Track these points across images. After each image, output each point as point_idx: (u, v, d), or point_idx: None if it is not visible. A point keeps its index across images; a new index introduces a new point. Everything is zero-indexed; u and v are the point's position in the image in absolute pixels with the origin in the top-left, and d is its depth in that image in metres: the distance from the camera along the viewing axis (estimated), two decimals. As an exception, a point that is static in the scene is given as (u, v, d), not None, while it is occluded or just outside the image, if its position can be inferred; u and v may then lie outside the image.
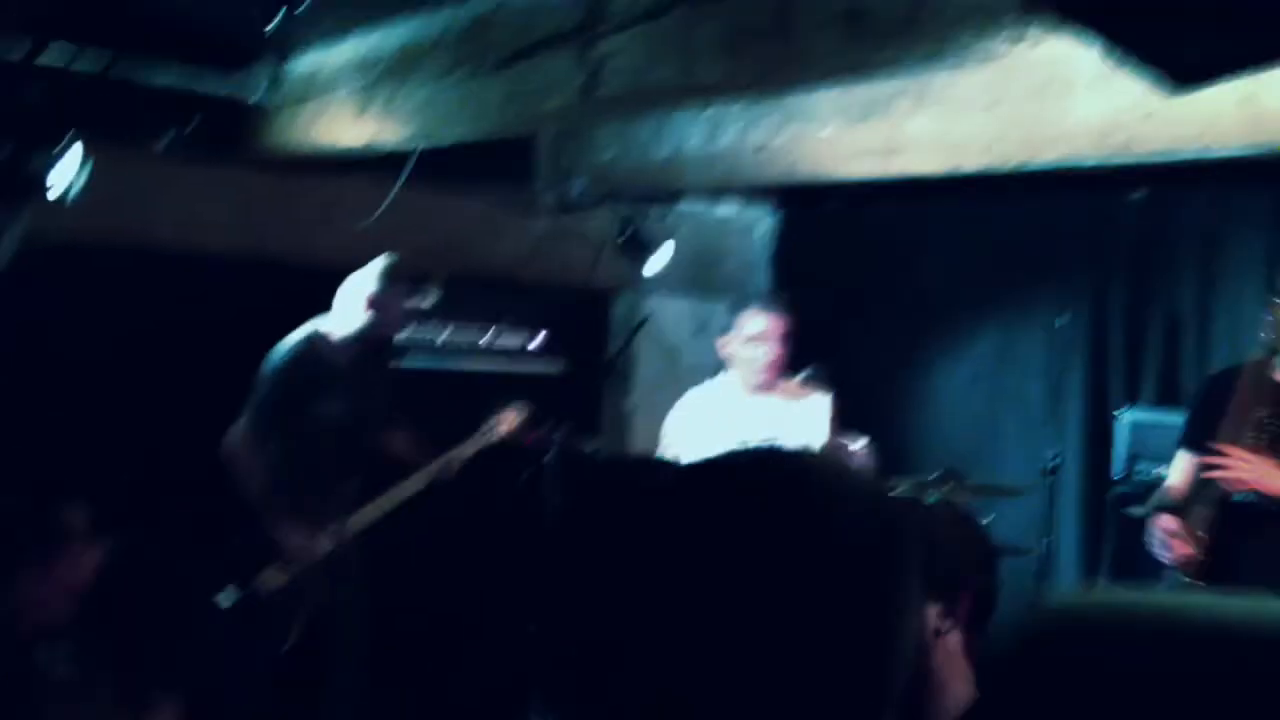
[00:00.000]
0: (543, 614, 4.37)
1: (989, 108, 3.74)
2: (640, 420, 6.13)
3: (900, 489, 4.83)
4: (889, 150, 4.10)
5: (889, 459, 5.21)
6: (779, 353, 4.08)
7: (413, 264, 4.94)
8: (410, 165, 4.53)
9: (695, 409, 4.23)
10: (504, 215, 5.62)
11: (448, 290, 5.64)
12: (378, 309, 4.35)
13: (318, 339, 4.43)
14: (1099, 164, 3.72)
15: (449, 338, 5.65)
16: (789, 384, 4.30)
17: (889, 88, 3.94)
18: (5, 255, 4.26)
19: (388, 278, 4.37)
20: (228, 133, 4.70)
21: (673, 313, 6.21)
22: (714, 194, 6.04)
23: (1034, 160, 3.80)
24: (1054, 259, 5.25)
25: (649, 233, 5.83)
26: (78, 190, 4.00)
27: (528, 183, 5.73)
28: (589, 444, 5.45)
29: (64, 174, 3.94)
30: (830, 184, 4.78)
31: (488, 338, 5.76)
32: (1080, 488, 5.11)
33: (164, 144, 4.64)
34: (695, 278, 6.18)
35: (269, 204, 5.00)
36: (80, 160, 3.95)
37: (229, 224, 4.93)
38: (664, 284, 5.99)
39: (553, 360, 5.93)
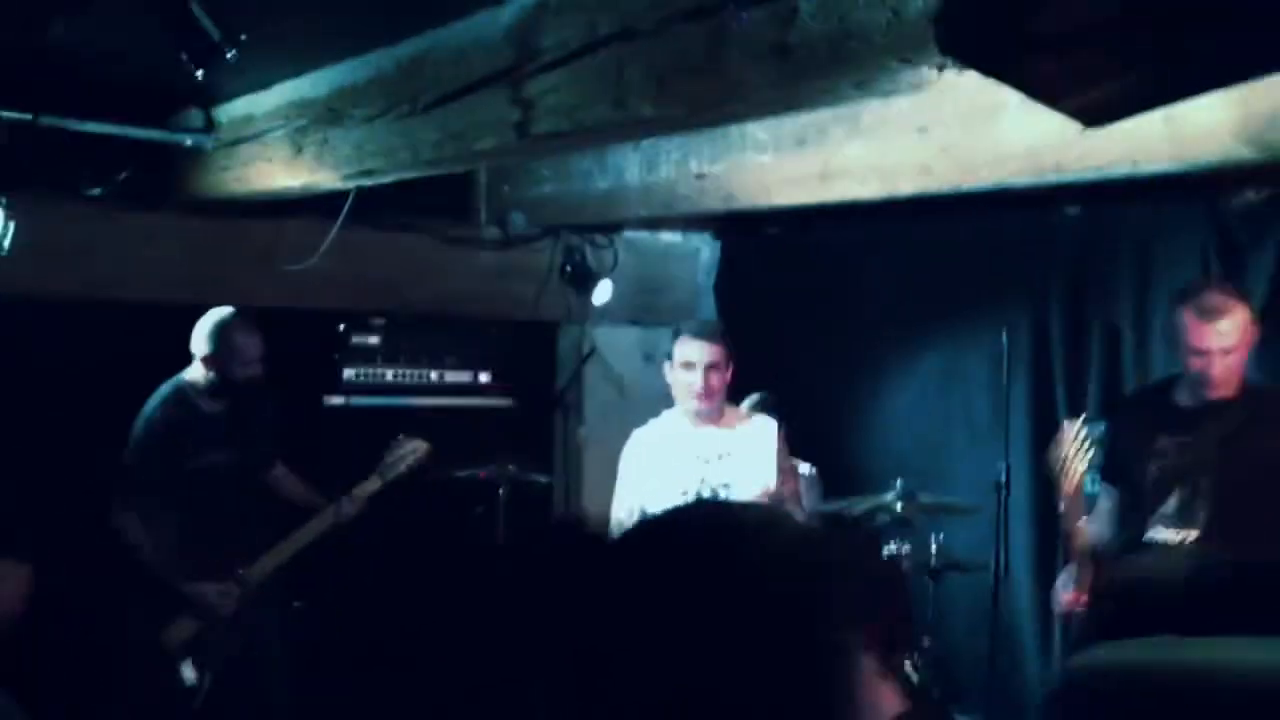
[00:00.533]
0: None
1: (921, 132, 3.77)
2: (592, 451, 6.11)
3: (854, 510, 4.86)
4: (825, 176, 4.12)
5: (841, 480, 5.25)
6: (713, 379, 4.06)
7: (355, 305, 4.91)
8: (349, 205, 4.50)
9: (646, 445, 4.22)
10: (447, 251, 5.59)
11: (392, 328, 5.62)
12: (218, 363, 4.31)
13: (184, 389, 4.37)
14: (1032, 184, 3.76)
15: (395, 376, 5.61)
16: (735, 411, 4.31)
17: (823, 115, 3.97)
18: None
19: (218, 332, 4.32)
20: (161, 178, 4.64)
21: (620, 343, 6.20)
22: (655, 223, 6.05)
23: (968, 183, 3.83)
24: (994, 275, 5.30)
25: (592, 263, 5.84)
26: (5, 243, 3.95)
27: (469, 217, 5.71)
28: (540, 477, 5.43)
29: (-8, 227, 3.88)
30: (769, 210, 4.80)
31: (434, 374, 5.73)
32: (1029, 502, 5.14)
33: (96, 191, 4.58)
34: (641, 306, 6.19)
35: (206, 248, 4.95)
36: (6, 210, 3.90)
37: (166, 270, 4.87)
38: (609, 314, 5.99)
39: (502, 394, 5.90)
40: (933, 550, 4.83)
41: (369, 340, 5.55)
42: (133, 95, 4.23)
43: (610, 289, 5.80)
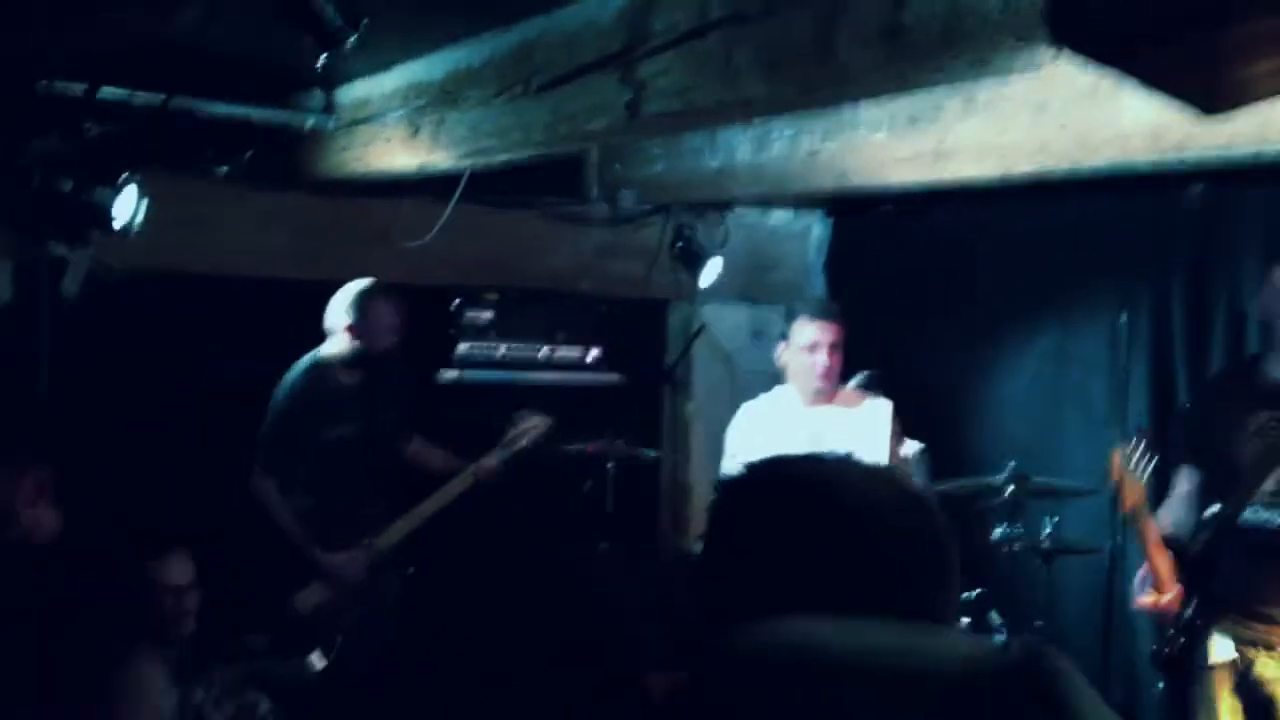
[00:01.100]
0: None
1: (1038, 111, 3.70)
2: (700, 428, 6.14)
3: (963, 490, 4.80)
4: (939, 155, 4.07)
5: (952, 461, 5.18)
6: (834, 360, 4.07)
7: (468, 282, 4.99)
8: (462, 186, 4.58)
9: (755, 421, 4.22)
10: (557, 228, 5.66)
11: (504, 304, 5.70)
12: (359, 333, 4.39)
13: (320, 363, 4.47)
14: (1153, 164, 3.66)
15: (507, 351, 5.70)
16: (847, 392, 4.29)
17: (937, 93, 3.92)
18: (73, 288, 4.38)
19: (360, 301, 4.40)
20: (283, 160, 4.78)
21: (728, 320, 6.21)
22: (765, 202, 6.03)
23: (1086, 163, 3.75)
24: (1113, 255, 5.17)
25: (702, 241, 5.85)
26: (140, 222, 4.10)
27: (580, 195, 5.76)
28: (648, 452, 5.48)
29: (125, 206, 4.04)
30: (881, 190, 4.75)
31: (546, 350, 5.80)
32: (1146, 484, 5.02)
33: (222, 173, 4.74)
34: (749, 285, 6.18)
35: (327, 228, 5.09)
36: (140, 192, 4.05)
37: (288, 249, 5.02)
38: (719, 292, 5.99)
39: (611, 371, 5.95)
40: (1045, 533, 4.76)
41: (483, 316, 5.63)
42: (257, 78, 4.35)
43: (720, 267, 5.80)
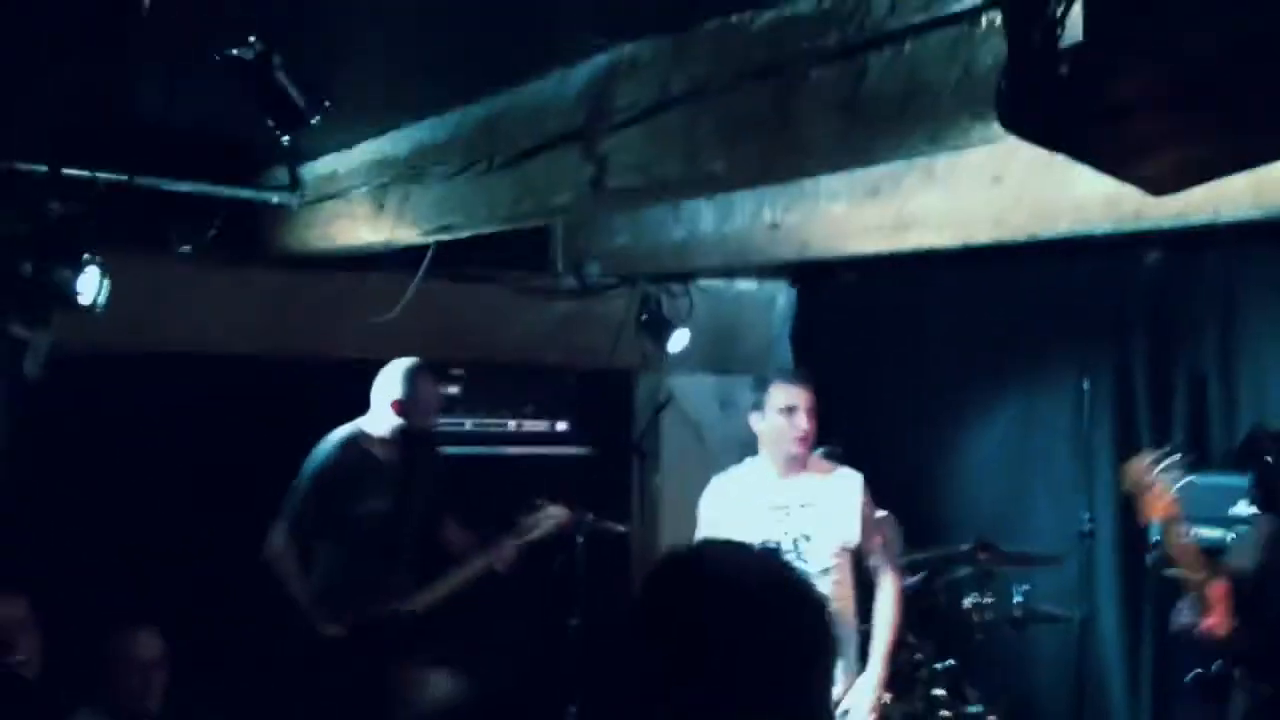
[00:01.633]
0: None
1: (994, 183, 3.75)
2: (669, 498, 6.11)
3: (931, 556, 4.80)
4: (899, 226, 4.12)
5: (919, 530, 5.18)
6: (810, 424, 4.06)
7: (435, 356, 4.99)
8: (428, 260, 4.60)
9: (729, 493, 4.19)
10: (523, 301, 5.67)
11: (471, 377, 5.69)
12: (405, 410, 4.40)
13: (359, 437, 4.48)
14: (1110, 233, 3.72)
15: (474, 425, 5.68)
16: (818, 461, 4.28)
17: (897, 164, 3.97)
18: (35, 366, 4.33)
19: (410, 377, 4.42)
20: (248, 235, 4.78)
21: (696, 390, 6.22)
22: (729, 272, 6.08)
23: (1045, 231, 3.80)
24: (1074, 320, 5.23)
25: (668, 311, 5.88)
26: (102, 301, 4.08)
27: (545, 267, 5.78)
28: (618, 526, 5.44)
29: (88, 286, 4.01)
30: (844, 259, 4.80)
31: (513, 423, 5.78)
32: (1116, 552, 5.04)
33: (186, 248, 4.72)
34: (716, 354, 6.20)
35: (292, 303, 5.08)
36: (102, 271, 4.02)
37: (253, 325, 5.00)
38: (685, 362, 6.01)
39: (579, 443, 5.94)
40: (1015, 601, 4.75)
41: (449, 390, 5.62)
42: (221, 155, 4.37)
43: (686, 337, 5.83)
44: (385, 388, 4.43)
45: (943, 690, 4.59)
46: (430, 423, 4.51)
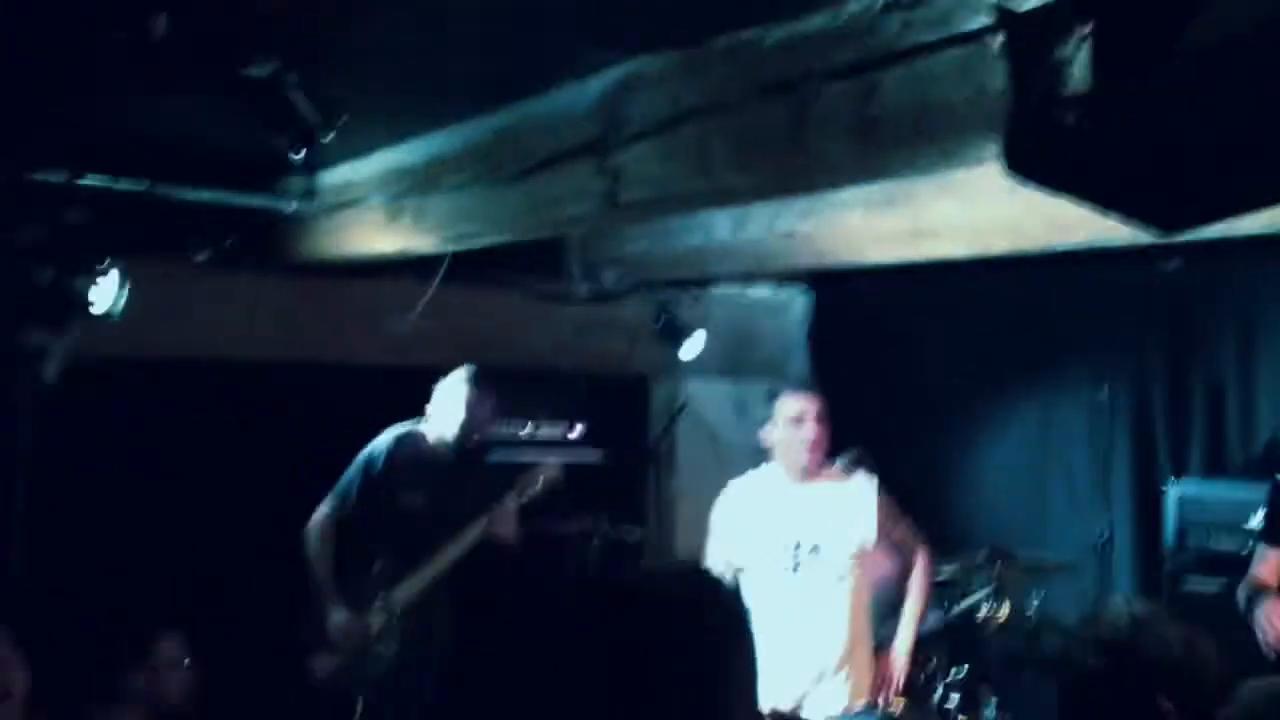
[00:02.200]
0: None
1: (1012, 191, 3.72)
2: (684, 504, 6.11)
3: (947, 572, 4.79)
4: (915, 235, 4.10)
5: (934, 538, 5.16)
6: (820, 432, 4.06)
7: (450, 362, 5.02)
8: (443, 270, 4.61)
9: (741, 500, 4.20)
10: (538, 307, 5.68)
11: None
12: (471, 414, 4.50)
13: (415, 435, 4.58)
14: (1128, 243, 3.70)
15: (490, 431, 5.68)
16: (831, 468, 4.28)
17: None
18: (53, 373, 4.37)
19: (476, 383, 4.51)
20: (264, 244, 4.80)
21: (712, 395, 6.22)
22: (746, 278, 6.07)
23: (1061, 241, 3.79)
24: (1092, 328, 5.22)
25: (684, 318, 5.87)
26: (120, 307, 4.11)
27: (561, 274, 5.79)
28: (633, 531, 5.45)
29: (106, 293, 4.05)
30: (860, 267, 4.79)
31: (528, 429, 5.79)
32: (1133, 561, 5.02)
33: (204, 256, 4.75)
34: (732, 359, 6.20)
35: (308, 310, 5.10)
36: (121, 279, 4.06)
37: (270, 332, 5.02)
38: (702, 368, 6.00)
39: (594, 449, 5.94)
40: (1031, 608, 4.73)
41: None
42: (238, 164, 4.39)
43: (702, 342, 5.82)
44: (445, 393, 4.53)
45: (957, 697, 4.58)
46: (483, 434, 4.61)
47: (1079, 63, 1.32)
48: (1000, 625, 4.66)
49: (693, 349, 5.82)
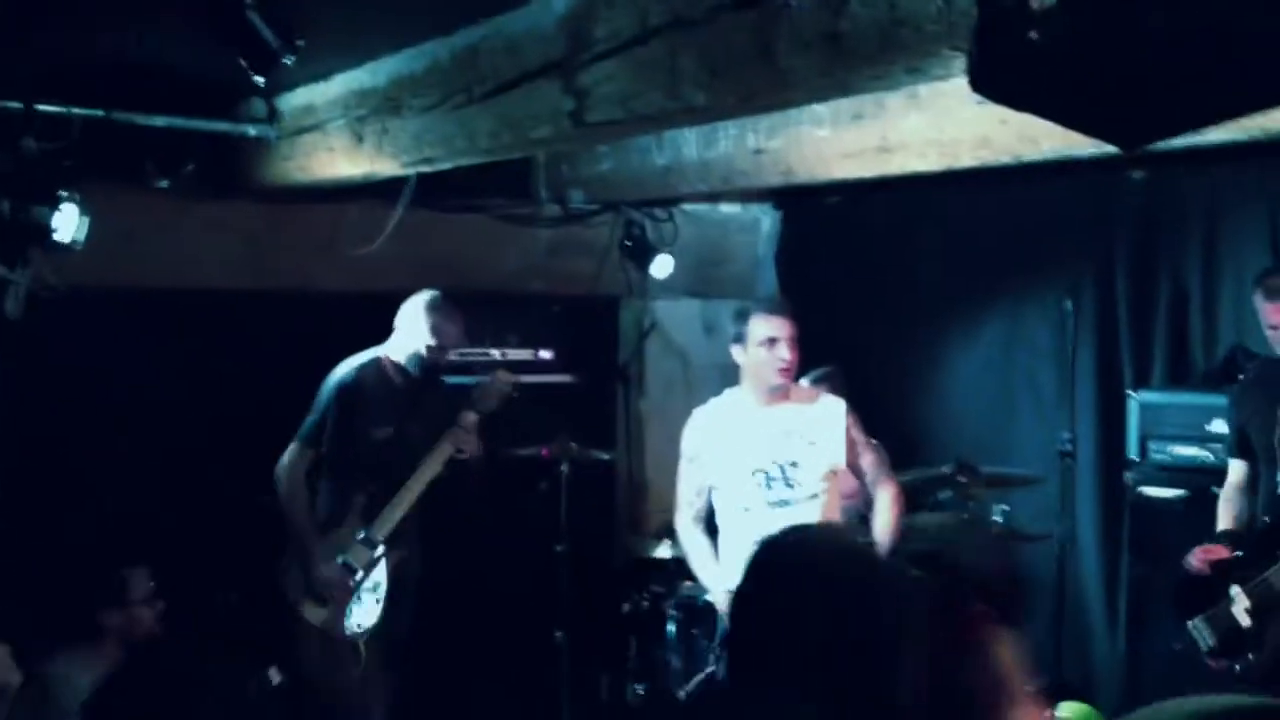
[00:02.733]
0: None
1: (981, 104, 3.71)
2: (654, 424, 6.15)
3: (911, 480, 4.85)
4: (884, 149, 4.10)
5: (902, 451, 5.23)
6: (793, 354, 4.07)
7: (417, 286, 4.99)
8: (408, 192, 4.56)
9: (712, 424, 4.21)
10: (506, 230, 5.64)
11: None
12: (425, 341, 4.44)
13: (380, 362, 4.53)
14: (1094, 153, 3.71)
15: (459, 355, 5.66)
16: (800, 389, 4.30)
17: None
18: (16, 306, 4.31)
19: (433, 308, 4.46)
20: (226, 169, 4.73)
21: (680, 315, 6.23)
22: (713, 197, 6.04)
23: (1028, 155, 3.79)
24: (1057, 241, 5.25)
25: (652, 237, 5.86)
26: (81, 239, 4.05)
27: (528, 195, 5.75)
28: (603, 453, 5.47)
29: (66, 223, 3.98)
30: (828, 184, 4.78)
31: (497, 353, 5.78)
32: (1096, 470, 5.11)
33: (165, 183, 4.68)
34: (701, 278, 6.20)
35: (272, 236, 5.04)
36: (80, 209, 3.99)
37: (233, 259, 4.97)
38: (670, 288, 6.00)
39: (563, 371, 5.95)
40: (995, 520, 4.82)
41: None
42: (197, 89, 4.30)
43: (670, 263, 5.82)
44: (408, 318, 4.47)
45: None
46: (448, 355, 4.55)
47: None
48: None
49: (661, 269, 5.82)
